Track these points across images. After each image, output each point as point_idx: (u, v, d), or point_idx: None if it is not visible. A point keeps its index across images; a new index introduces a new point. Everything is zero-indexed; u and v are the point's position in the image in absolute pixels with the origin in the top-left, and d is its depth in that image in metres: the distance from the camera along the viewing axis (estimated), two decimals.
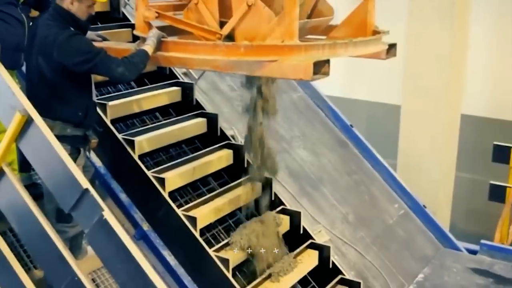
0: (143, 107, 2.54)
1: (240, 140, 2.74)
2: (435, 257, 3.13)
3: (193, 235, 2.14)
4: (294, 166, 3.07)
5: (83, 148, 2.02)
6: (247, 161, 2.48)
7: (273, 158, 2.32)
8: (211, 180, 2.54)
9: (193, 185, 2.44)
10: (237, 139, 2.77)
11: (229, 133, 2.70)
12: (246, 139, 2.28)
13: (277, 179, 2.61)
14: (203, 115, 2.65)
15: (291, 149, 3.15)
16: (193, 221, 2.16)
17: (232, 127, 2.85)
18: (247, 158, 2.48)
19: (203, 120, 2.62)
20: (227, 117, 2.94)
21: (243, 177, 2.42)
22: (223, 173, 2.57)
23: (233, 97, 3.13)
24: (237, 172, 2.52)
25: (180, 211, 2.18)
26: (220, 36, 1.82)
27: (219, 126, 2.63)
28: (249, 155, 2.37)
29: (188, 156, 2.46)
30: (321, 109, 3.54)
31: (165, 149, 2.50)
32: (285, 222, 2.46)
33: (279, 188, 2.71)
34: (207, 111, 2.68)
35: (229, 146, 2.58)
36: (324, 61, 1.65)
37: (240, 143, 2.63)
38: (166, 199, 2.19)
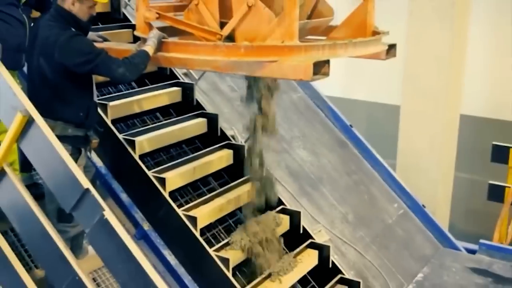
0: (144, 107, 2.55)
1: (240, 140, 2.75)
2: (434, 256, 3.15)
3: (194, 234, 2.15)
4: (294, 166, 3.08)
5: (84, 148, 2.03)
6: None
7: (272, 186, 2.29)
8: (211, 180, 2.55)
9: (193, 185, 2.45)
10: (237, 139, 2.78)
11: (229, 133, 2.71)
12: (246, 161, 2.27)
13: (277, 179, 2.62)
14: (204, 115, 2.65)
15: (291, 149, 3.16)
16: (193, 220, 2.17)
17: (232, 127, 2.86)
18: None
19: (204, 120, 2.63)
20: (227, 117, 2.95)
21: (243, 177, 2.44)
22: (223, 173, 2.58)
23: (233, 97, 3.14)
24: (237, 172, 2.53)
25: (180, 211, 2.19)
26: (220, 36, 1.83)
27: (219, 126, 2.64)
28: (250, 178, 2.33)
29: (188, 156, 2.47)
30: (321, 110, 3.55)
31: (165, 149, 2.51)
32: (285, 221, 2.47)
33: (279, 188, 2.72)
34: (208, 112, 2.69)
35: (229, 146, 2.59)
36: (324, 61, 1.66)
37: (240, 143, 2.64)
38: (166, 199, 2.20)
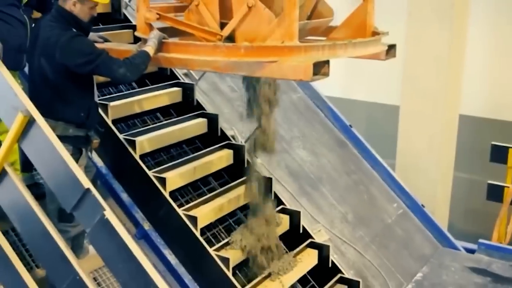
0: (144, 107, 2.56)
1: (240, 140, 2.76)
2: (433, 256, 3.15)
3: (194, 234, 2.15)
4: (293, 166, 3.08)
5: (85, 148, 2.04)
6: (247, 161, 2.50)
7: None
8: (211, 179, 2.56)
9: (193, 184, 2.46)
10: (237, 139, 2.78)
11: (229, 133, 2.72)
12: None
13: (277, 179, 2.63)
14: (204, 115, 2.66)
15: (291, 149, 3.17)
16: (193, 220, 2.17)
17: (232, 128, 2.86)
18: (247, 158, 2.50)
19: (204, 120, 2.64)
20: (228, 118, 2.95)
21: (243, 176, 2.45)
22: (223, 173, 2.59)
23: (234, 97, 3.14)
24: (237, 172, 2.54)
25: (180, 211, 2.20)
26: (220, 37, 1.83)
27: (219, 126, 2.65)
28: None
29: (188, 156, 2.48)
30: (321, 110, 3.56)
31: (166, 149, 2.52)
32: (284, 221, 2.48)
33: (279, 187, 2.73)
34: (208, 112, 2.70)
35: (229, 146, 2.60)
36: (323, 62, 1.67)
37: (240, 143, 2.65)
38: (167, 199, 2.21)
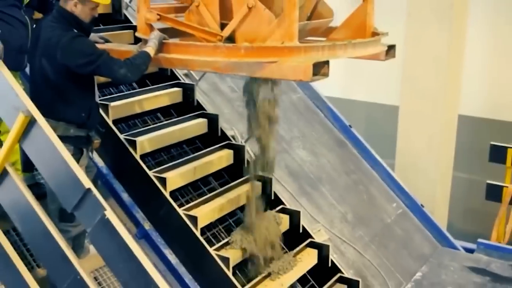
0: (145, 107, 2.56)
1: (240, 140, 2.77)
2: (432, 255, 3.16)
3: (194, 234, 2.16)
4: (293, 166, 3.09)
5: (86, 148, 2.04)
6: (247, 161, 2.51)
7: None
8: (211, 179, 2.56)
9: (194, 184, 2.47)
10: (237, 139, 2.79)
11: (229, 133, 2.72)
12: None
13: (276, 179, 2.63)
14: (204, 115, 2.67)
15: (291, 149, 3.17)
16: (194, 220, 2.18)
17: (232, 128, 2.87)
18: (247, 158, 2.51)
19: (204, 120, 2.64)
20: (228, 118, 2.96)
21: (243, 176, 2.45)
22: (223, 173, 2.59)
23: (234, 98, 3.15)
24: (237, 172, 2.55)
25: (181, 211, 2.20)
26: (221, 38, 1.84)
27: (219, 126, 2.65)
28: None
29: (189, 156, 2.48)
30: (320, 110, 3.57)
31: (166, 149, 2.52)
32: (284, 221, 2.49)
33: (279, 187, 2.74)
34: (208, 112, 2.70)
35: (229, 146, 2.60)
36: (323, 62, 1.67)
37: (240, 143, 2.66)
38: (167, 199, 2.22)
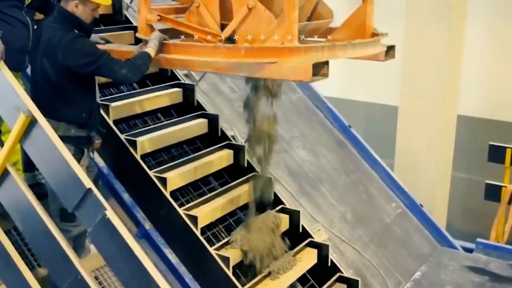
0: (145, 108, 2.57)
1: (240, 140, 2.77)
2: (432, 255, 3.17)
3: (194, 233, 2.17)
4: (293, 166, 3.10)
5: (87, 148, 2.05)
6: (247, 161, 2.52)
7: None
8: (212, 179, 2.57)
9: (194, 184, 2.48)
10: (237, 139, 2.80)
11: (229, 133, 2.73)
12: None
13: (276, 179, 2.64)
14: (204, 116, 2.68)
15: (291, 149, 3.18)
16: (194, 220, 2.19)
17: (232, 128, 2.88)
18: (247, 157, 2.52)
19: (204, 120, 2.65)
20: (228, 118, 2.97)
21: (243, 176, 2.46)
22: (223, 172, 2.60)
23: (234, 98, 3.16)
24: (237, 172, 2.56)
25: (181, 210, 2.21)
26: (221, 38, 1.85)
27: (219, 126, 2.66)
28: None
29: (189, 156, 2.49)
30: (320, 110, 3.58)
31: (166, 149, 2.53)
32: (284, 221, 2.50)
33: (279, 187, 2.75)
34: (208, 112, 2.71)
35: (229, 146, 2.61)
36: (323, 62, 1.68)
37: (240, 143, 2.67)
38: (167, 199, 2.22)
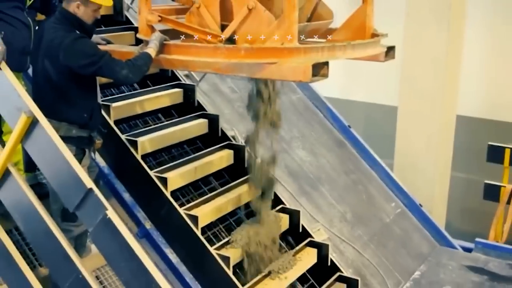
0: (146, 108, 2.58)
1: (240, 140, 2.79)
2: (431, 254, 3.18)
3: (195, 233, 2.18)
4: (293, 166, 3.11)
5: (88, 149, 2.06)
6: (247, 161, 2.53)
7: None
8: (212, 179, 2.58)
9: (194, 184, 2.48)
10: (237, 139, 2.81)
11: (229, 133, 2.74)
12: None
13: (276, 179, 2.65)
14: (205, 116, 2.69)
15: (290, 149, 3.19)
16: (194, 219, 2.20)
17: (232, 128, 2.89)
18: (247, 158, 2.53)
19: (205, 121, 2.66)
20: (228, 118, 2.98)
21: (244, 176, 2.47)
22: (224, 172, 2.61)
23: (234, 98, 3.17)
24: (237, 171, 2.57)
25: (182, 210, 2.22)
26: (221, 39, 1.86)
27: (220, 127, 2.67)
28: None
29: (189, 156, 2.50)
30: (320, 110, 3.58)
31: (167, 149, 2.54)
32: (284, 220, 2.51)
33: (279, 187, 2.75)
34: (208, 112, 2.72)
35: (229, 146, 2.62)
36: (323, 63, 1.69)
37: (240, 144, 2.68)
38: (168, 198, 2.23)
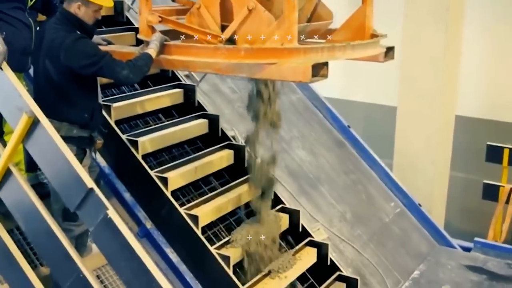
0: (147, 108, 2.59)
1: (240, 140, 2.79)
2: (430, 254, 3.19)
3: (195, 233, 2.18)
4: (293, 166, 3.12)
5: (89, 149, 2.06)
6: (247, 161, 2.54)
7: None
8: (212, 179, 2.59)
9: (195, 184, 2.49)
10: (237, 139, 2.82)
11: (230, 133, 2.75)
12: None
13: (276, 178, 2.67)
14: (205, 116, 2.69)
15: (290, 149, 3.20)
16: (195, 219, 2.20)
17: (233, 128, 2.90)
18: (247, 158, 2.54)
19: (205, 121, 2.67)
20: (228, 118, 2.99)
21: (244, 176, 2.48)
22: (224, 172, 2.62)
23: (234, 99, 3.18)
24: (237, 171, 2.57)
25: (182, 210, 2.23)
26: (221, 39, 1.87)
27: (220, 127, 2.68)
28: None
29: (190, 156, 2.51)
30: (319, 111, 3.59)
31: (167, 149, 2.55)
32: (284, 220, 2.51)
33: (279, 187, 2.76)
34: (209, 113, 2.73)
35: (230, 146, 2.63)
36: (322, 63, 1.70)
37: (240, 144, 2.69)
38: (168, 198, 2.24)
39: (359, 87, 5.43)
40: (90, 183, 1.57)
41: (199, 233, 2.19)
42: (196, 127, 2.64)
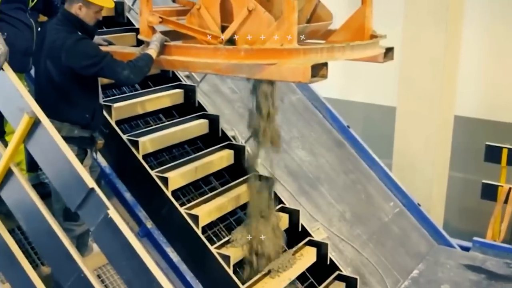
0: (147, 109, 2.60)
1: (240, 140, 2.81)
2: (429, 253, 3.20)
3: (195, 232, 2.19)
4: (293, 165, 3.13)
5: (90, 149, 2.07)
6: (247, 161, 2.55)
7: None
8: (212, 179, 2.60)
9: (195, 184, 2.50)
10: (237, 139, 2.83)
11: (230, 134, 2.76)
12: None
13: (276, 178, 2.68)
14: (205, 116, 2.70)
15: (290, 149, 3.21)
16: (195, 219, 2.22)
17: (233, 128, 2.91)
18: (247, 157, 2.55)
19: (205, 121, 2.68)
20: (228, 119, 3.00)
21: (244, 176, 2.49)
22: (224, 172, 2.63)
23: (234, 99, 3.19)
24: (237, 171, 2.59)
25: (182, 210, 2.24)
26: (221, 40, 1.88)
27: (220, 127, 2.69)
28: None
29: (190, 156, 2.52)
30: (319, 111, 3.60)
31: (168, 149, 2.56)
32: (284, 220, 2.53)
33: (279, 187, 2.77)
34: (209, 113, 2.74)
35: (230, 146, 2.64)
36: (322, 64, 1.71)
37: (240, 144, 2.70)
38: (169, 198, 2.25)
39: (359, 87, 5.44)
40: (91, 183, 1.58)
41: (199, 232, 2.20)
42: (196, 127, 2.65)
